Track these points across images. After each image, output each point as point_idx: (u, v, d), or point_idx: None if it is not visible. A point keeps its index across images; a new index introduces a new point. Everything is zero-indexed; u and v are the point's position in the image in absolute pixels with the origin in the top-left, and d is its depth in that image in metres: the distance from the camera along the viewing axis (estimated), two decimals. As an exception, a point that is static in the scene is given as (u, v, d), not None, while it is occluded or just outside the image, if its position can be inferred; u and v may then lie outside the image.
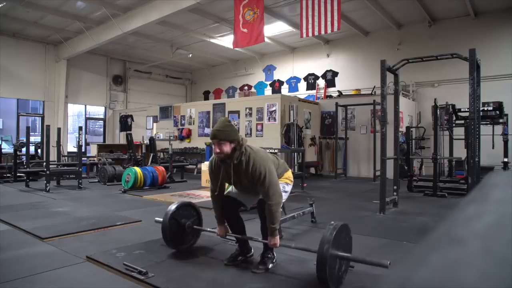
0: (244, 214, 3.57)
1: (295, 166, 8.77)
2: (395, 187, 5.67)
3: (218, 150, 2.72)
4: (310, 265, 2.90)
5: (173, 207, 3.30)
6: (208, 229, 3.38)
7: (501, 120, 8.14)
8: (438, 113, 7.23)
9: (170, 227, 3.19)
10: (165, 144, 11.14)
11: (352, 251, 2.69)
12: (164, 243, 3.29)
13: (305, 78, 13.96)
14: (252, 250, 3.11)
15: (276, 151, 7.26)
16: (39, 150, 10.59)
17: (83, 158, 8.85)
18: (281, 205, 2.90)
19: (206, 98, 16.69)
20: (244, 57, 15.18)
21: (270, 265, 2.86)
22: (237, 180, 2.83)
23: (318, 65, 13.62)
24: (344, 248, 2.54)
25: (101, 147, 12.42)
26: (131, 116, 14.62)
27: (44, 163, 7.65)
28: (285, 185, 3.02)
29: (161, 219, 3.28)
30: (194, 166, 11.29)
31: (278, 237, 2.76)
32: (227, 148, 2.70)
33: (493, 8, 10.13)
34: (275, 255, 2.95)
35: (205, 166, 8.56)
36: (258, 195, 2.92)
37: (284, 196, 2.95)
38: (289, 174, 3.10)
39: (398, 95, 6.02)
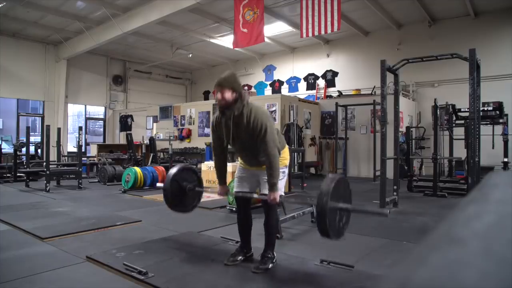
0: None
1: (295, 166, 8.77)
2: (395, 187, 5.67)
3: (220, 97, 2.69)
4: (310, 265, 2.90)
5: (174, 169, 3.30)
6: (209, 189, 3.39)
7: (501, 120, 8.14)
8: (438, 113, 7.23)
9: (172, 189, 3.20)
10: (165, 144, 11.14)
11: (352, 250, 2.69)
12: (165, 242, 3.29)
13: (305, 78, 13.96)
14: (252, 250, 3.11)
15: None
16: (39, 150, 10.59)
17: (83, 158, 8.85)
18: (283, 169, 2.90)
19: (206, 98, 16.68)
20: (244, 57, 15.18)
21: (270, 265, 2.85)
22: (236, 134, 2.78)
23: (318, 65, 13.62)
24: (343, 199, 2.53)
25: (101, 147, 12.41)
26: (131, 116, 14.62)
27: (44, 163, 7.65)
28: (285, 168, 3.01)
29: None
30: (194, 166, 11.28)
31: (278, 192, 2.74)
32: (228, 95, 2.68)
33: (493, 8, 10.13)
34: (275, 255, 2.95)
35: (205, 166, 8.55)
36: (256, 158, 2.88)
37: (283, 181, 2.97)
38: (286, 152, 3.06)
39: (398, 95, 6.02)
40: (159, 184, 3.40)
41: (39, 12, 10.74)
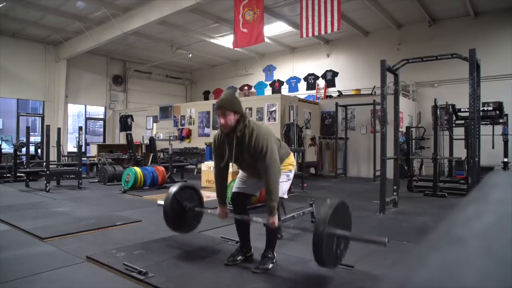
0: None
1: (295, 167, 8.75)
2: (395, 187, 5.67)
3: (223, 122, 2.69)
4: (310, 265, 2.90)
5: (175, 188, 3.28)
6: (209, 210, 3.37)
7: (501, 120, 8.13)
8: (438, 113, 7.23)
9: (172, 209, 3.18)
10: (165, 144, 11.14)
11: (352, 250, 2.68)
12: (165, 242, 3.29)
13: (305, 78, 13.96)
14: (252, 250, 3.11)
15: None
16: (39, 150, 10.59)
17: (83, 158, 8.86)
18: (282, 193, 2.91)
19: (206, 98, 16.69)
20: (244, 57, 15.18)
21: (270, 265, 2.85)
22: (238, 154, 2.79)
23: (318, 65, 13.62)
24: (342, 225, 2.51)
25: (101, 147, 12.42)
26: (131, 116, 14.62)
27: (44, 163, 7.65)
28: (289, 172, 3.03)
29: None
30: (194, 166, 11.29)
31: (276, 216, 2.73)
32: (231, 119, 2.69)
33: (493, 8, 10.13)
34: (275, 255, 2.95)
35: (205, 166, 8.55)
36: (260, 175, 2.86)
37: (287, 184, 2.98)
38: (291, 159, 3.09)
39: (398, 95, 6.02)
40: (159, 202, 3.34)
41: (39, 12, 10.74)
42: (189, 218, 3.33)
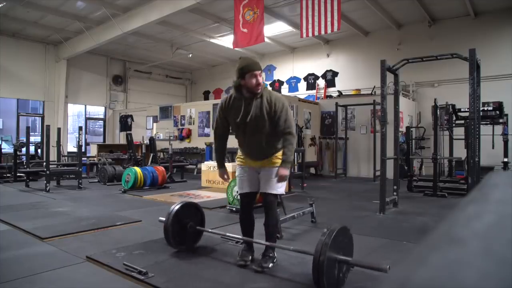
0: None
1: (295, 166, 8.76)
2: (395, 187, 5.67)
3: (260, 81, 2.86)
4: (310, 265, 2.89)
5: (177, 206, 3.29)
6: (210, 230, 3.37)
7: (501, 120, 8.13)
8: (438, 113, 7.23)
9: (173, 226, 3.18)
10: (165, 144, 11.14)
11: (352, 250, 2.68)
12: (165, 242, 3.29)
13: (305, 78, 13.96)
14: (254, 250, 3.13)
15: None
16: (39, 150, 10.59)
17: (83, 158, 8.85)
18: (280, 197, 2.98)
19: (206, 98, 16.69)
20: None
21: (271, 264, 2.87)
22: (254, 116, 2.86)
23: (318, 65, 13.62)
24: (343, 250, 2.51)
25: (101, 147, 12.42)
26: (131, 116, 14.62)
27: (44, 163, 7.65)
28: None
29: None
30: (194, 166, 11.29)
31: (287, 170, 2.86)
32: (262, 79, 2.90)
33: (493, 8, 10.13)
34: (275, 254, 2.95)
35: (205, 166, 8.55)
36: (261, 147, 2.94)
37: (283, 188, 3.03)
38: None
39: (398, 95, 6.02)
40: (161, 218, 3.33)
41: (39, 12, 10.74)
42: (190, 235, 3.33)
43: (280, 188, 2.98)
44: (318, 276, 2.29)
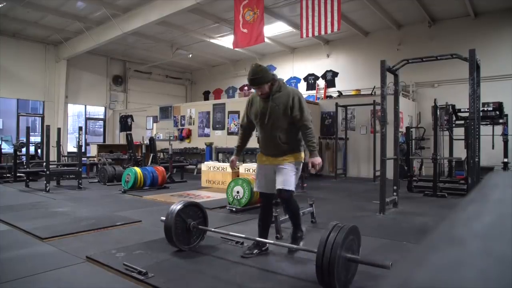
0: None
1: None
2: (395, 187, 5.67)
3: (260, 93, 3.10)
4: (310, 265, 2.90)
5: (179, 206, 3.28)
6: (213, 229, 3.37)
7: (501, 121, 8.13)
8: (438, 113, 7.23)
9: (175, 226, 3.18)
10: (165, 144, 11.14)
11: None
12: (165, 242, 3.28)
13: (305, 78, 13.96)
14: (267, 245, 3.20)
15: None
16: (39, 150, 10.58)
17: (83, 158, 8.85)
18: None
19: (206, 98, 16.69)
20: (244, 57, 15.18)
21: (301, 243, 3.09)
22: (272, 110, 3.08)
23: (318, 65, 13.62)
24: (352, 250, 2.48)
25: (101, 147, 12.42)
26: (131, 116, 14.62)
27: (44, 163, 7.64)
28: (299, 166, 3.26)
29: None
30: (194, 167, 11.29)
31: (318, 158, 3.15)
32: (265, 88, 3.08)
33: (493, 8, 10.13)
34: (303, 229, 3.28)
35: (205, 166, 8.55)
36: (279, 143, 3.11)
37: (295, 178, 3.19)
38: (303, 154, 3.32)
39: (398, 95, 6.02)
40: (163, 218, 3.30)
41: (39, 12, 10.74)
42: (192, 235, 3.33)
43: (293, 185, 3.14)
44: (324, 274, 2.29)
